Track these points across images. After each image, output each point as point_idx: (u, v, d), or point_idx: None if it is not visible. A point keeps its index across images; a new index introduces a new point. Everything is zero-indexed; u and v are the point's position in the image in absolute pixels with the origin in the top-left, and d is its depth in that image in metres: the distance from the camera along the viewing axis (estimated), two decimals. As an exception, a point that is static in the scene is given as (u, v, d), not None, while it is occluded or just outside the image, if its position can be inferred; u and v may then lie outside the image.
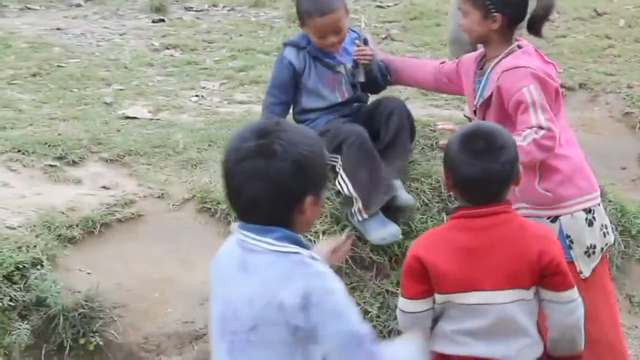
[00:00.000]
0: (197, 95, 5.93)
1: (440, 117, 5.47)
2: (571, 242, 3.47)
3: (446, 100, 5.92)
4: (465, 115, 5.12)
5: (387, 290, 4.38)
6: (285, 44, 4.41)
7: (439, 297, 2.91)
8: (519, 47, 3.57)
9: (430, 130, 5.22)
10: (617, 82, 6.34)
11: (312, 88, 4.32)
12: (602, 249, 3.53)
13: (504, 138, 2.89)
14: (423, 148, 5.04)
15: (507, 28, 3.54)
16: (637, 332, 4.86)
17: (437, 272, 2.86)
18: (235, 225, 2.42)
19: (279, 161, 2.26)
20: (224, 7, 9.14)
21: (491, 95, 3.53)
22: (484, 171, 2.81)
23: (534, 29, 3.59)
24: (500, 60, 3.53)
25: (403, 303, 2.98)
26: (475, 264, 2.83)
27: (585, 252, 3.48)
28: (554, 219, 3.50)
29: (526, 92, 3.38)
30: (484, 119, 3.56)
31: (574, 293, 2.88)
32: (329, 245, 2.87)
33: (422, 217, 4.53)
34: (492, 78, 3.54)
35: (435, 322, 2.96)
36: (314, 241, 4.27)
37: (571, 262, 3.39)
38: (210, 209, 4.32)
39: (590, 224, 3.50)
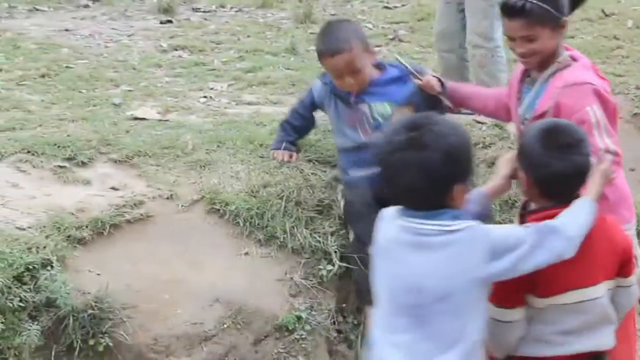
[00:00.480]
0: (205, 97, 5.94)
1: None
2: None
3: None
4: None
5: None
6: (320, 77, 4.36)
7: (539, 301, 2.88)
8: (573, 58, 3.36)
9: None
10: (626, 84, 6.33)
11: (335, 125, 4.30)
12: None
13: (581, 131, 2.93)
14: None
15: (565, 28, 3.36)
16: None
17: (544, 276, 2.80)
18: (391, 211, 2.67)
19: (430, 152, 2.49)
20: (231, 8, 9.15)
21: (546, 110, 3.31)
22: (575, 165, 2.81)
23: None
24: (555, 72, 3.32)
25: (500, 313, 2.88)
26: (576, 263, 2.81)
27: None
28: None
29: (590, 111, 3.21)
30: None
31: (635, 276, 3.00)
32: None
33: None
34: (549, 91, 3.31)
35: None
36: (323, 243, 4.29)
37: None
38: (219, 210, 4.32)
39: None
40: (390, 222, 2.65)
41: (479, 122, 5.32)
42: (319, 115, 5.45)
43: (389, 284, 2.66)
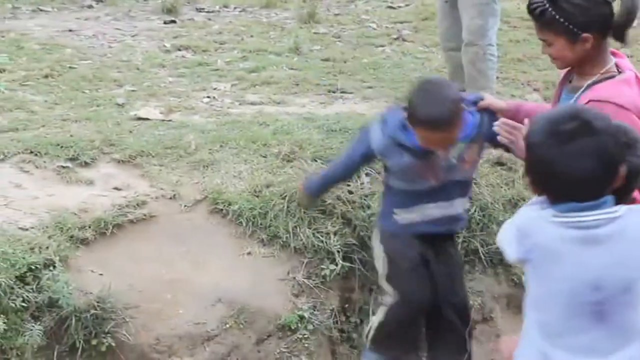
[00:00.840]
0: (208, 97, 5.94)
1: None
2: None
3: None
4: None
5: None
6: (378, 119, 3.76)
7: None
8: (618, 69, 3.21)
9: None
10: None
11: (398, 172, 3.75)
12: None
13: (635, 131, 2.76)
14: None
15: (601, 41, 3.17)
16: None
17: None
18: (536, 213, 2.49)
19: (603, 136, 2.37)
20: (235, 8, 9.15)
21: None
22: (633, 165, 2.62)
23: (618, 35, 3.22)
24: (594, 83, 3.18)
25: None
26: None
27: None
28: None
29: None
30: None
31: None
32: None
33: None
34: (581, 101, 3.14)
35: None
36: (326, 242, 4.29)
37: None
38: (222, 210, 4.32)
39: None
40: (544, 223, 2.46)
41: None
42: (322, 113, 5.48)
43: (560, 287, 2.47)
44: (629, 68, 3.23)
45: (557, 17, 3.10)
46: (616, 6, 3.17)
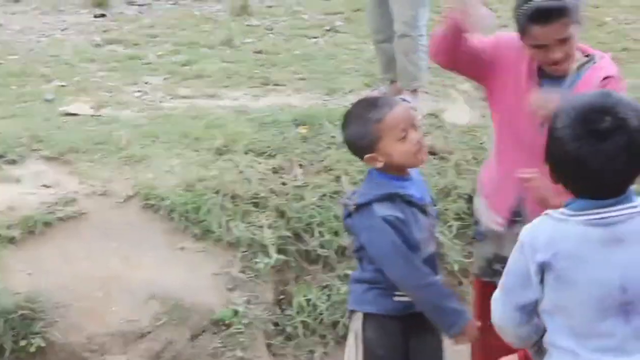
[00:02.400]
0: (140, 91, 5.87)
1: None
2: None
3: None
4: None
5: (333, 284, 4.38)
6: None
7: None
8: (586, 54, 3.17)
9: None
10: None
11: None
12: None
13: None
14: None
15: None
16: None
17: None
18: (558, 213, 2.36)
19: (636, 133, 2.27)
20: (167, 1, 9.05)
21: None
22: None
23: None
24: (584, 64, 3.12)
25: None
26: None
27: None
28: None
29: None
30: None
31: None
32: None
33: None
34: (587, 79, 3.08)
35: None
36: (260, 236, 4.28)
37: None
38: (154, 205, 4.28)
39: None
40: (565, 223, 2.33)
41: (414, 110, 5.34)
42: (255, 106, 5.46)
43: (587, 292, 2.34)
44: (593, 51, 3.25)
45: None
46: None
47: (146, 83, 6.07)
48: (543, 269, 2.34)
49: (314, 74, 6.32)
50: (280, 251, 4.34)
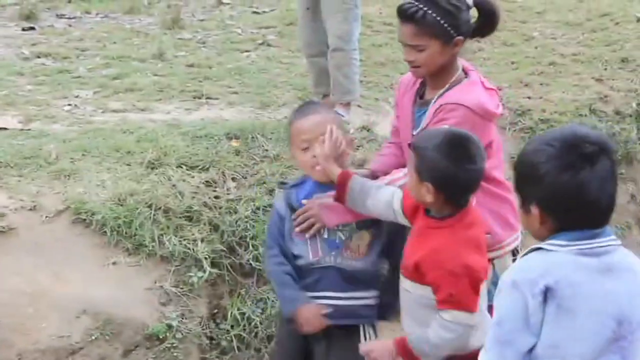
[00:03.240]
0: (70, 105, 5.79)
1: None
2: None
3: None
4: None
5: (268, 297, 4.38)
6: None
7: None
8: (465, 73, 3.21)
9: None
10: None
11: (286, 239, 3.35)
12: None
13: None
14: (300, 153, 5.08)
15: (461, 47, 3.19)
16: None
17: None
18: (547, 245, 2.30)
19: (616, 155, 2.35)
20: (97, 14, 8.95)
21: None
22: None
23: (484, 33, 3.29)
24: (445, 91, 3.16)
25: (470, 317, 2.90)
26: None
27: None
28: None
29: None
30: None
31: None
32: None
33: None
34: (430, 111, 3.15)
35: None
36: (193, 249, 4.26)
37: None
38: (85, 219, 4.23)
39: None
40: (556, 254, 2.28)
41: (347, 124, 5.38)
42: (187, 119, 5.43)
43: (587, 325, 2.27)
44: (472, 69, 3.28)
45: (438, 18, 3.08)
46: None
47: (76, 97, 5.99)
48: (547, 297, 2.24)
49: (247, 87, 6.32)
50: (214, 265, 4.33)
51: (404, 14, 3.15)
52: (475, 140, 2.88)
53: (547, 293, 2.24)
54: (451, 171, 2.85)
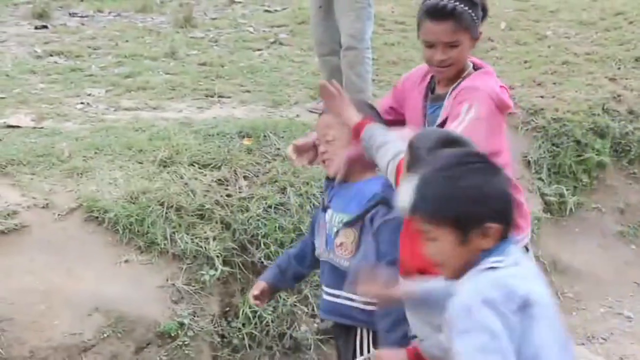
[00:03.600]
0: (82, 103, 5.81)
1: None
2: None
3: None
4: None
5: (279, 296, 4.37)
6: None
7: None
8: (475, 67, 3.20)
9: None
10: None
11: None
12: None
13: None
14: (312, 151, 5.07)
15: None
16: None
17: None
18: (490, 264, 2.25)
19: None
20: (109, 12, 8.98)
21: (445, 120, 3.10)
22: None
23: None
24: (459, 84, 3.13)
25: None
26: None
27: None
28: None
29: (466, 107, 3.01)
30: None
31: None
32: None
33: (312, 220, 4.57)
34: (446, 106, 3.12)
35: None
36: (205, 248, 4.26)
37: None
38: (97, 217, 4.24)
39: None
40: (502, 270, 2.22)
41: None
42: (199, 118, 5.44)
43: (554, 326, 2.26)
44: (484, 64, 3.26)
45: (470, 11, 3.07)
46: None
47: (88, 95, 6.01)
48: (525, 307, 2.18)
49: (259, 86, 6.33)
50: (225, 263, 4.33)
51: (441, 12, 3.09)
52: (470, 143, 2.81)
53: (526, 304, 2.18)
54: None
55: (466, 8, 3.08)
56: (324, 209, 3.25)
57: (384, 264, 2.96)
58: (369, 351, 3.14)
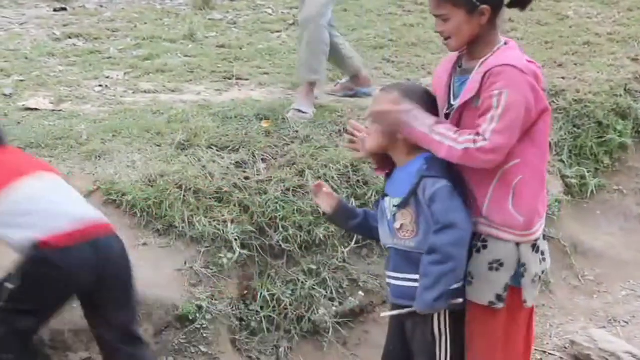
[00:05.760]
0: (100, 85, 5.81)
1: (347, 103, 5.48)
2: (525, 270, 3.09)
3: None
4: None
5: (298, 279, 4.37)
6: None
7: None
8: (505, 43, 3.16)
9: (338, 115, 5.24)
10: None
11: None
12: (540, 276, 3.20)
13: None
14: (331, 134, 5.05)
15: (493, 18, 3.10)
16: (545, 310, 4.97)
17: None
18: None
19: None
20: (128, -6, 8.98)
21: (471, 99, 3.06)
22: None
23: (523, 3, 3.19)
24: (485, 59, 3.08)
25: None
26: None
27: (532, 280, 3.13)
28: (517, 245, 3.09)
29: (495, 96, 2.98)
30: (458, 122, 3.08)
31: None
32: None
33: (331, 203, 4.54)
34: (473, 79, 3.07)
35: None
36: (223, 231, 4.25)
37: (519, 288, 3.11)
38: (115, 200, 4.24)
39: (537, 250, 3.15)
40: None
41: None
42: (218, 100, 5.42)
43: None
44: (510, 40, 3.21)
45: None
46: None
47: (107, 77, 6.01)
48: None
49: (277, 68, 6.31)
50: (243, 246, 4.32)
51: None
52: None
53: None
54: None
55: None
56: (383, 196, 3.22)
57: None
58: (447, 332, 3.10)
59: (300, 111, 5.14)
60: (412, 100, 3.13)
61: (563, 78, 6.32)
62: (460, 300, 3.04)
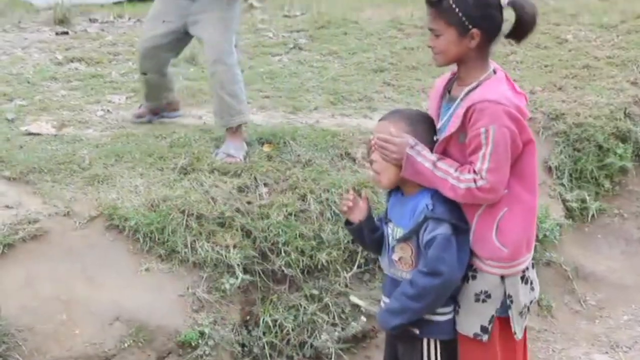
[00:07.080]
0: (103, 110, 5.82)
1: (349, 126, 5.49)
2: (511, 301, 3.14)
3: (355, 109, 5.96)
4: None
5: (300, 304, 4.37)
6: None
7: None
8: (494, 72, 3.21)
9: (340, 139, 5.25)
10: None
11: None
12: (528, 307, 3.24)
13: None
14: (332, 158, 5.06)
15: (485, 45, 3.15)
16: (546, 335, 4.96)
17: None
18: None
19: None
20: (129, 18, 8.99)
21: (456, 133, 3.12)
22: None
23: (518, 36, 3.21)
24: (471, 90, 3.14)
25: None
26: None
27: (520, 313, 3.18)
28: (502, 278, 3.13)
29: (483, 133, 3.02)
30: (444, 153, 3.15)
31: None
32: None
33: (333, 228, 4.56)
34: (457, 112, 3.11)
35: None
36: (225, 256, 4.25)
37: (508, 319, 3.17)
38: (118, 225, 4.24)
39: (526, 281, 3.19)
40: None
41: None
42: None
43: None
44: (499, 69, 3.25)
45: (454, 6, 3.08)
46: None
47: (109, 102, 6.02)
48: None
49: (278, 91, 6.32)
50: (246, 271, 4.32)
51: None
52: None
53: None
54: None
55: (453, 5, 3.10)
56: (386, 222, 3.28)
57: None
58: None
59: (229, 155, 4.88)
60: (417, 129, 3.17)
61: (563, 101, 6.34)
62: (417, 331, 3.14)
